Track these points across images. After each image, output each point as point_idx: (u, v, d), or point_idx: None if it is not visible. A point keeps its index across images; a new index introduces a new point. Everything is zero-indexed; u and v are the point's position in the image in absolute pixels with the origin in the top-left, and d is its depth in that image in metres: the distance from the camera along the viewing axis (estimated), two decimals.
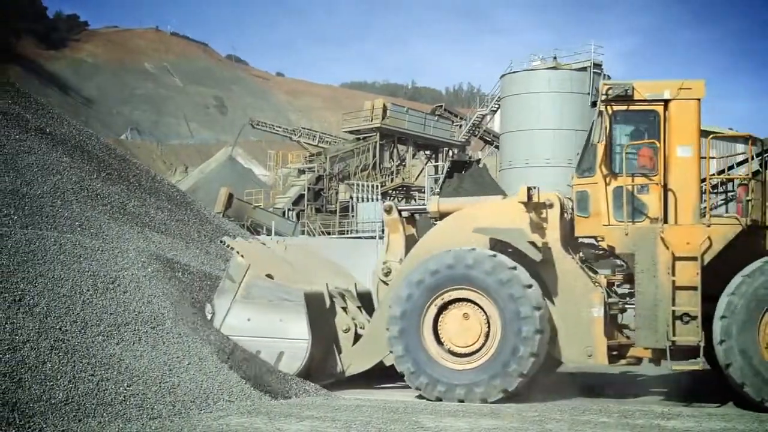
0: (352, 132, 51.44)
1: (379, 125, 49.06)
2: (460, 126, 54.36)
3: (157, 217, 15.08)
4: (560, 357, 10.75)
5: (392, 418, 8.65)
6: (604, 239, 10.76)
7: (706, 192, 10.61)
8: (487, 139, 56.75)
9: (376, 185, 47.01)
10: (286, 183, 54.58)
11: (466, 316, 10.51)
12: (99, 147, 16.82)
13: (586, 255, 11.44)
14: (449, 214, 11.63)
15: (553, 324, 10.55)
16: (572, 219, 11.03)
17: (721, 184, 17.81)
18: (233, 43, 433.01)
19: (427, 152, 54.55)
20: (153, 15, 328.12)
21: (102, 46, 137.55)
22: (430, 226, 11.88)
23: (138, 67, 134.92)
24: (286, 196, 49.11)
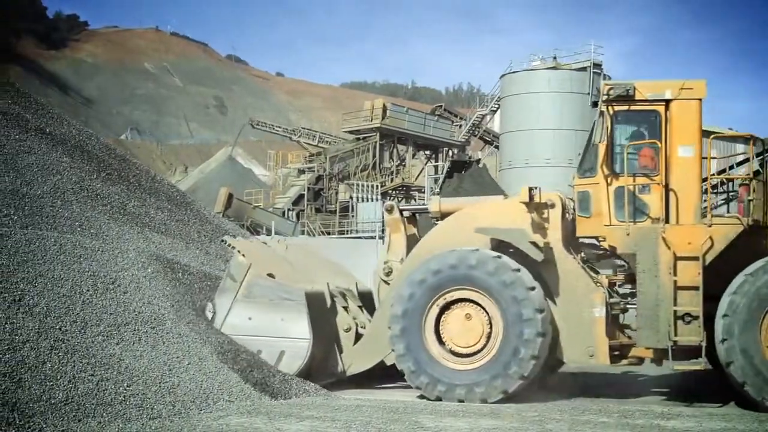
0: (352, 132, 51.44)
1: (378, 125, 49.07)
2: (460, 126, 54.37)
3: (157, 218, 15.06)
4: (562, 357, 10.74)
5: (392, 418, 8.64)
6: (606, 239, 10.74)
7: (707, 192, 10.59)
8: (487, 139, 56.79)
9: (376, 185, 47.00)
10: (286, 183, 54.61)
11: (469, 317, 10.48)
12: (99, 147, 16.80)
13: (588, 255, 11.41)
14: (450, 213, 11.61)
15: (555, 324, 10.53)
16: (574, 219, 11.01)
17: (721, 184, 17.80)
18: (233, 43, 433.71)
19: (427, 152, 54.54)
20: (153, 15, 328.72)
21: (102, 46, 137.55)
22: (431, 226, 11.86)
23: (138, 67, 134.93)
24: (286, 196, 49.13)
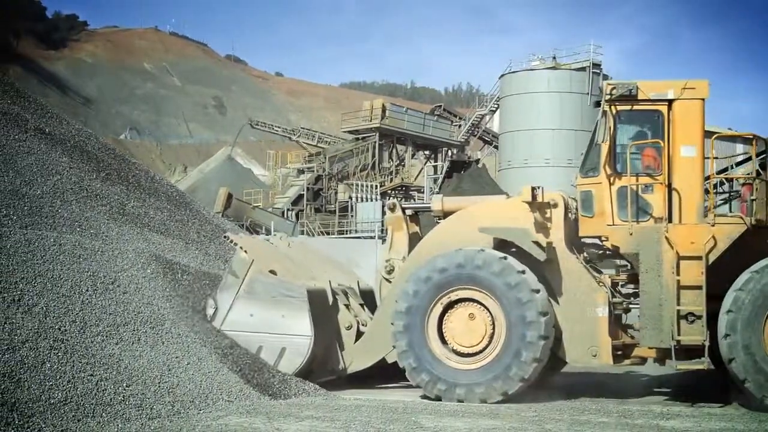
0: (351, 132, 51.46)
1: (378, 125, 49.08)
2: (460, 126, 54.39)
3: (156, 218, 15.02)
4: (565, 357, 10.70)
5: (391, 418, 8.61)
6: (609, 239, 10.71)
7: (709, 191, 10.57)
8: (487, 139, 56.86)
9: (376, 185, 47.01)
10: (286, 183, 54.64)
11: (472, 317, 10.44)
12: (98, 147, 16.77)
13: (590, 255, 11.37)
14: (453, 212, 11.58)
15: (558, 324, 10.50)
16: (576, 219, 10.99)
17: (721, 184, 17.80)
18: (233, 42, 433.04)
19: (426, 152, 54.55)
20: (152, 15, 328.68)
21: (101, 46, 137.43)
22: (433, 225, 11.82)
23: (137, 67, 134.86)
24: (286, 196, 49.16)
